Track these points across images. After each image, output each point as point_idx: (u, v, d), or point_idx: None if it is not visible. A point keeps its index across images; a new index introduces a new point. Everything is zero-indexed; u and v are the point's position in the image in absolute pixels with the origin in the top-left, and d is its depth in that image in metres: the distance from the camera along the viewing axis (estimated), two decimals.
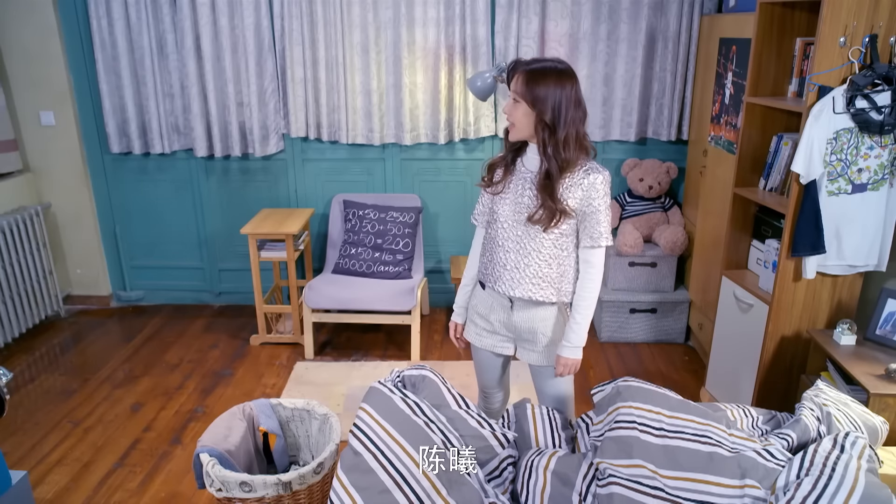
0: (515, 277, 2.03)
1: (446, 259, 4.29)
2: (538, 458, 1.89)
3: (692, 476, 1.68)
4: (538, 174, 1.97)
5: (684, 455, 1.72)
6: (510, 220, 2.03)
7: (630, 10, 3.69)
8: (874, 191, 2.44)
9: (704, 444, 1.75)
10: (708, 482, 1.67)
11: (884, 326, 2.48)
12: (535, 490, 1.82)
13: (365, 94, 3.89)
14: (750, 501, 1.63)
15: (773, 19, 2.68)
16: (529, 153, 2.03)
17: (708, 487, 1.66)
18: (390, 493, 1.66)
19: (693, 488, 1.66)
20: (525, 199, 2.00)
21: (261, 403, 2.41)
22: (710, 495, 1.65)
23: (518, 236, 2.02)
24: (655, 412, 1.83)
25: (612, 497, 1.70)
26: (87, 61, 3.97)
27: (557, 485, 1.81)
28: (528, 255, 2.01)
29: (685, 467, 1.70)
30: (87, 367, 3.64)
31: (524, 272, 2.02)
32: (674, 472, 1.70)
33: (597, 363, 3.62)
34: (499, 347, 2.20)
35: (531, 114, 1.91)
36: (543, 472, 1.84)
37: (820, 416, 1.96)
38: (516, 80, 1.93)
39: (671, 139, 3.90)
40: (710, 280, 3.37)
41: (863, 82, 2.30)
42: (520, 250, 2.02)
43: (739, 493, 1.64)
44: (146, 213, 4.28)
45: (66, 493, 2.65)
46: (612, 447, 1.79)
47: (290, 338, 3.89)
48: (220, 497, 2.04)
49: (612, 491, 1.71)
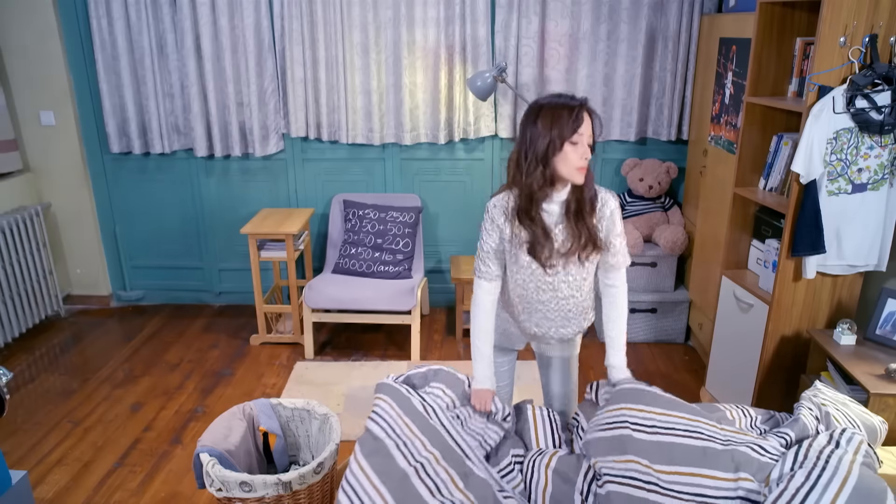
0: (558, 320, 2.06)
1: (446, 259, 4.29)
2: (539, 458, 1.90)
3: (686, 470, 1.68)
4: (566, 210, 1.92)
5: (678, 450, 1.73)
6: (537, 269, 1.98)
7: (630, 9, 3.69)
8: (874, 191, 2.44)
9: (697, 440, 1.75)
10: (702, 475, 1.67)
11: (884, 326, 2.48)
12: (538, 489, 1.83)
13: (365, 93, 3.89)
14: (744, 493, 1.63)
15: (773, 19, 2.68)
16: (547, 204, 1.94)
17: (702, 481, 1.66)
18: (409, 480, 1.67)
19: (687, 482, 1.66)
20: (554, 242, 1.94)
21: (261, 403, 2.41)
22: (705, 488, 1.65)
23: (551, 284, 2.00)
24: (647, 411, 1.84)
25: (609, 496, 1.70)
26: (87, 61, 3.97)
27: (559, 483, 1.81)
28: (571, 297, 2.02)
29: (679, 462, 1.70)
30: (87, 366, 3.64)
31: (568, 313, 2.05)
32: (668, 466, 1.70)
33: (597, 363, 3.62)
34: (516, 344, 2.25)
35: None
36: (545, 471, 1.85)
37: (819, 416, 1.96)
38: (587, 123, 1.84)
39: (671, 139, 3.90)
40: (710, 280, 3.37)
41: (863, 82, 2.30)
42: (557, 296, 2.02)
43: (734, 486, 1.64)
44: (146, 213, 4.28)
45: (66, 493, 2.65)
46: (605, 445, 1.80)
47: (290, 338, 3.89)
48: (220, 497, 2.04)
49: (609, 490, 1.71)
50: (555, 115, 1.82)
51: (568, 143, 1.82)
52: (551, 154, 1.83)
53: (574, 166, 1.84)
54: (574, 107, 1.83)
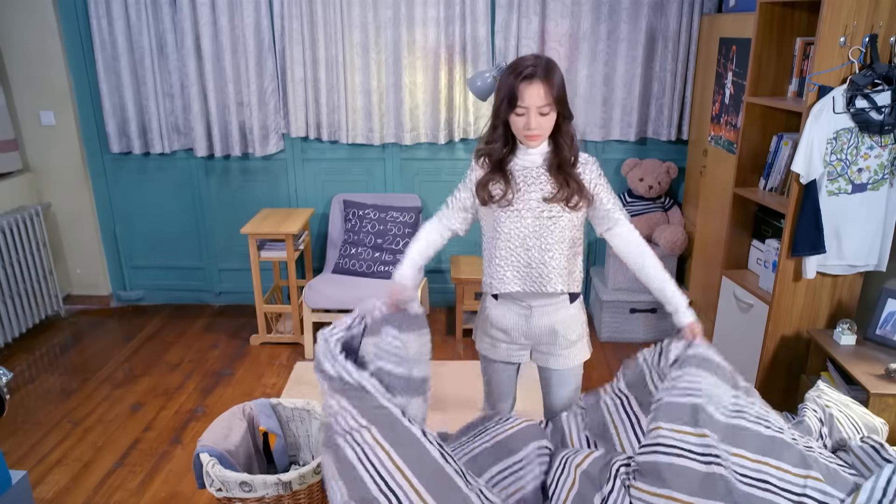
0: (544, 273, 1.98)
1: (446, 259, 4.28)
2: (573, 456, 1.86)
3: (753, 456, 1.64)
4: (546, 164, 1.94)
5: (747, 435, 1.68)
6: (523, 220, 1.97)
7: (630, 9, 3.69)
8: (874, 191, 2.44)
9: (766, 429, 1.71)
10: (768, 464, 1.63)
11: (884, 326, 2.48)
12: (564, 486, 1.79)
13: (365, 93, 3.89)
14: (812, 493, 1.58)
15: (773, 19, 2.69)
16: (522, 154, 1.96)
17: (769, 469, 1.62)
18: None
19: (753, 467, 1.62)
20: (535, 193, 1.94)
21: (261, 403, 2.41)
22: (770, 476, 1.61)
23: (536, 231, 1.96)
24: (723, 388, 1.79)
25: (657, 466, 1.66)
26: (87, 61, 3.97)
27: (586, 484, 1.77)
28: (551, 249, 1.96)
29: (747, 447, 1.66)
30: (87, 366, 3.64)
31: (549, 265, 1.97)
32: (735, 448, 1.65)
33: (597, 363, 3.62)
34: (514, 356, 2.14)
35: (554, 114, 1.88)
36: (574, 470, 1.81)
37: (822, 418, 1.96)
38: (538, 91, 1.82)
39: (671, 139, 3.90)
40: (710, 280, 3.37)
41: (863, 82, 2.30)
42: (541, 246, 1.96)
43: (801, 482, 1.59)
44: (146, 213, 4.28)
45: (66, 493, 2.65)
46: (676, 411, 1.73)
47: (290, 338, 3.89)
48: (220, 497, 2.04)
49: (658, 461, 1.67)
50: (504, 83, 1.86)
51: (513, 114, 1.87)
52: (503, 116, 1.90)
53: (521, 133, 1.89)
54: (516, 79, 1.82)
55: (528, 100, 1.83)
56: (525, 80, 1.82)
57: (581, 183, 1.93)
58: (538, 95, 1.82)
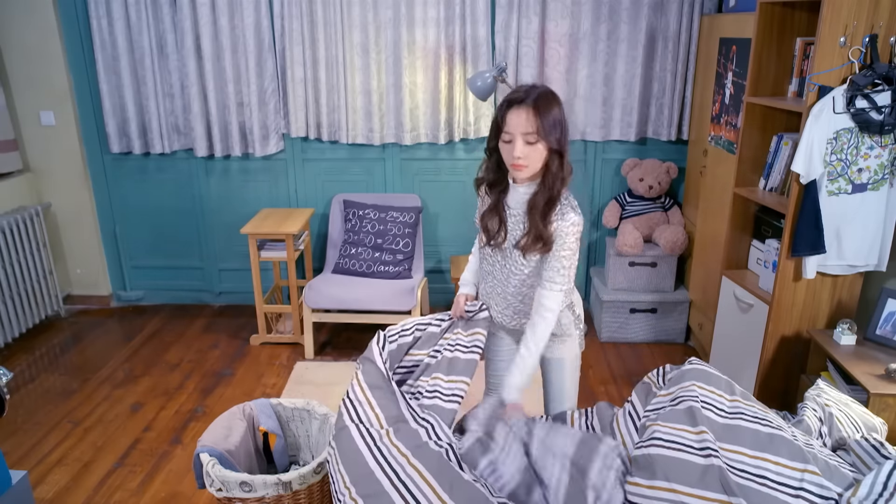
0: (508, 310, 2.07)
1: (446, 259, 4.29)
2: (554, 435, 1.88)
3: (751, 453, 1.66)
4: (529, 203, 1.88)
5: (745, 433, 1.71)
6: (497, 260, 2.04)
7: (630, 9, 3.69)
8: (874, 191, 2.44)
9: (765, 427, 1.73)
10: (766, 459, 1.64)
11: (884, 326, 2.48)
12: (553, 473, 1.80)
13: (365, 93, 3.89)
14: (809, 487, 1.59)
15: (773, 19, 2.69)
16: (513, 191, 1.93)
17: (766, 465, 1.63)
18: None
19: (751, 463, 1.64)
20: (512, 236, 1.94)
21: (261, 403, 2.41)
22: (768, 472, 1.62)
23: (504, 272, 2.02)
24: (717, 394, 1.84)
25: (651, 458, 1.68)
26: (87, 61, 3.97)
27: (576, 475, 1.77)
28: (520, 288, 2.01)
29: (745, 444, 1.69)
30: (87, 366, 3.64)
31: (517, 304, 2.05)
32: (733, 445, 1.68)
33: (597, 363, 3.62)
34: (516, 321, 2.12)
35: (545, 148, 1.81)
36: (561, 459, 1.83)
37: (822, 417, 1.96)
38: (526, 117, 1.77)
39: (671, 139, 3.90)
40: (710, 280, 3.37)
41: (863, 82, 2.30)
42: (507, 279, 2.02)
43: (798, 475, 1.61)
44: (146, 213, 4.28)
45: (66, 493, 2.65)
46: (676, 416, 1.77)
47: (290, 338, 3.89)
48: (220, 497, 2.04)
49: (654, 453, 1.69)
50: (497, 109, 1.86)
51: (501, 141, 1.86)
52: (492, 143, 1.90)
53: (508, 163, 1.87)
54: (505, 104, 1.81)
55: (513, 125, 1.79)
56: (513, 105, 1.80)
57: (543, 232, 1.85)
58: (524, 121, 1.77)
